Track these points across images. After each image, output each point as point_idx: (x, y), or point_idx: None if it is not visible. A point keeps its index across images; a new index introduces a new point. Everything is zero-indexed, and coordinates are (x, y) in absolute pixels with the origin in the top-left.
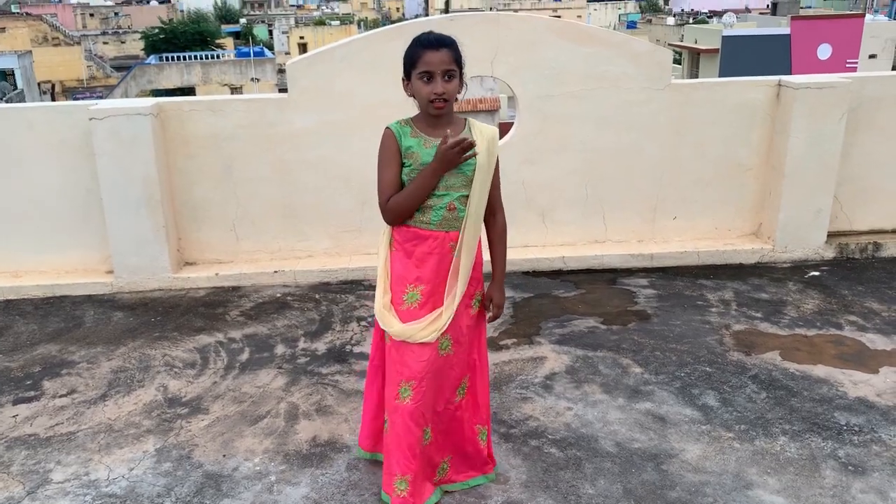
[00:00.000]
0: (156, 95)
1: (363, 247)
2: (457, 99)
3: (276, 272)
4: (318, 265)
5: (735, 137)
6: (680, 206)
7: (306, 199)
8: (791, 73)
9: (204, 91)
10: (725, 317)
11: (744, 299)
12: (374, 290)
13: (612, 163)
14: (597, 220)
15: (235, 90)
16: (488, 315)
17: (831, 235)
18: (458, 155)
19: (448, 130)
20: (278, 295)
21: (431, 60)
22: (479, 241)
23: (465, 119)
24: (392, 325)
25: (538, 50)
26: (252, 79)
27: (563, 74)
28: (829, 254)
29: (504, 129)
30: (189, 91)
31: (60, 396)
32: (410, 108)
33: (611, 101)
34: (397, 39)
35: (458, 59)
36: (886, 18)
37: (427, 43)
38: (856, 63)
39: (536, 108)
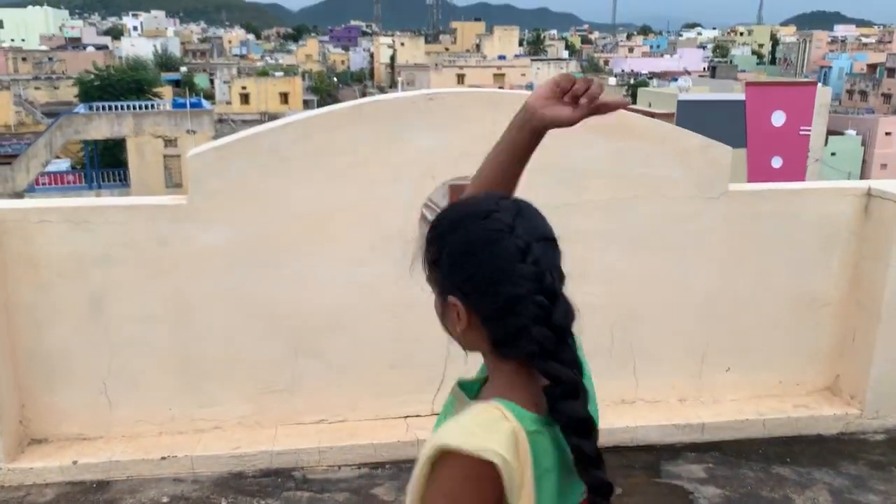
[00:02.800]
0: (84, 146)
1: (295, 414)
2: None
3: (164, 458)
4: (227, 446)
5: (809, 263)
6: (734, 355)
7: (213, 346)
8: (746, 139)
9: (135, 143)
10: None
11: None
12: (307, 489)
13: (648, 296)
14: (625, 374)
15: (170, 142)
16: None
17: None
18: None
19: None
20: (165, 500)
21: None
22: None
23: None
24: None
25: (552, 143)
26: (188, 131)
27: (586, 177)
28: None
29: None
30: (120, 142)
31: None
32: (371, 220)
33: (648, 214)
34: (352, 125)
35: (433, 269)
36: (819, 85)
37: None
38: (809, 130)
39: (550, 222)
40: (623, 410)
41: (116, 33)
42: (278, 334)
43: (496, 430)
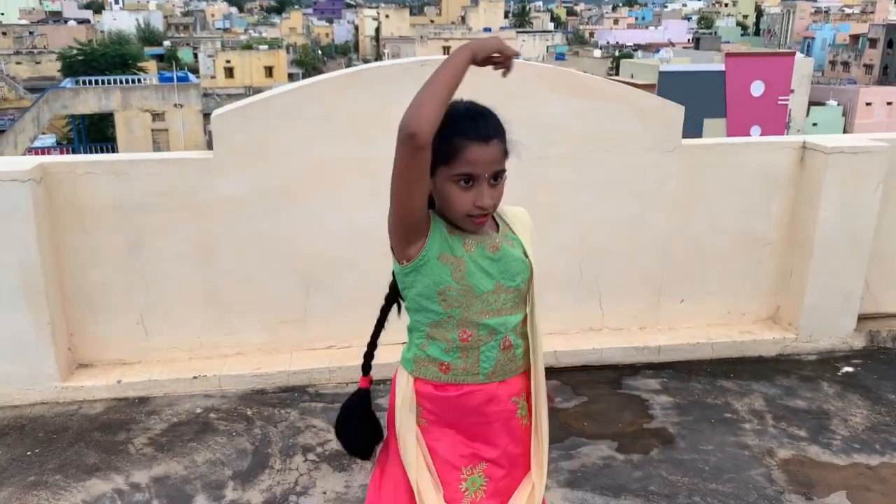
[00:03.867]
0: (71, 120)
1: (307, 341)
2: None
3: (195, 378)
4: (249, 367)
5: (752, 207)
6: (688, 287)
7: (235, 282)
8: (726, 109)
9: (123, 116)
10: (764, 436)
11: (778, 409)
12: (320, 401)
13: (611, 236)
14: (592, 304)
15: (157, 116)
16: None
17: (859, 320)
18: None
19: None
20: (199, 410)
21: (479, 159)
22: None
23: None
24: None
25: (526, 103)
26: (175, 104)
27: (556, 133)
28: (859, 343)
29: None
30: (108, 116)
31: None
32: (372, 173)
33: (611, 165)
34: (354, 88)
35: (506, 152)
36: (801, 55)
37: (475, 133)
38: (787, 100)
39: (524, 172)
40: (590, 336)
41: (97, 7)
42: (292, 272)
43: None
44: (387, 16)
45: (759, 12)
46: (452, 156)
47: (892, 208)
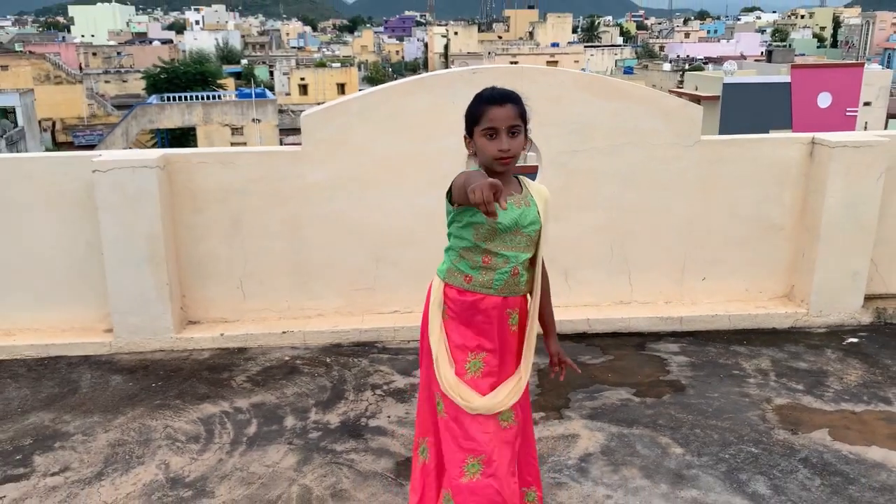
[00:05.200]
0: (157, 135)
1: (376, 306)
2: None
3: (284, 333)
4: (328, 325)
5: (766, 196)
6: (709, 267)
7: (317, 255)
8: (791, 120)
9: (204, 131)
10: (765, 389)
11: (782, 369)
12: (387, 353)
13: (639, 221)
14: (622, 280)
15: (236, 130)
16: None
17: (868, 299)
18: (485, 198)
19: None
20: (287, 358)
21: (497, 116)
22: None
23: (520, 178)
24: (472, 399)
25: (563, 104)
26: (253, 119)
27: (589, 129)
28: (867, 318)
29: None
30: (190, 131)
31: (52, 475)
32: (431, 164)
33: (638, 158)
34: (417, 92)
35: (522, 115)
36: (880, 67)
37: (491, 98)
38: (856, 112)
39: (560, 164)
40: (621, 308)
41: (179, 28)
42: (363, 247)
43: None
44: (455, 33)
45: (837, 24)
46: (480, 117)
47: None
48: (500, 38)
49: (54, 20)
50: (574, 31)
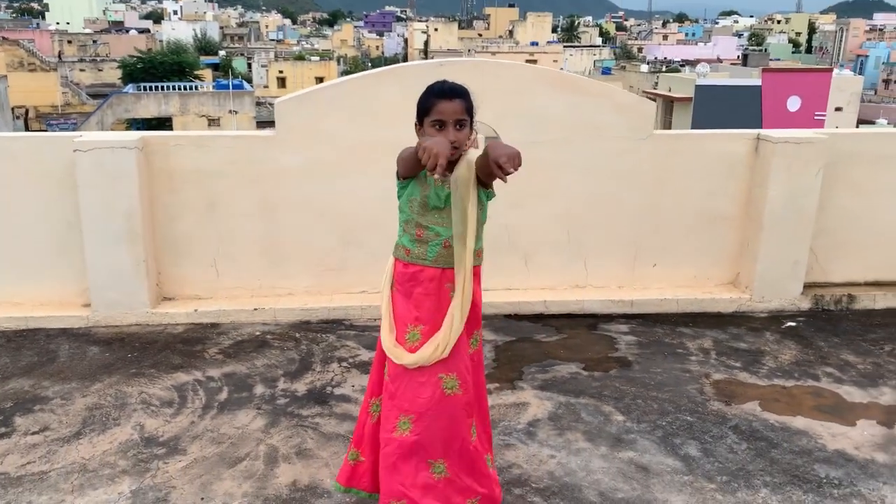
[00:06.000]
0: (132, 124)
1: (344, 286)
2: (465, 145)
3: (255, 310)
4: (298, 303)
5: (715, 188)
6: (660, 254)
7: (288, 236)
8: (762, 123)
9: (181, 121)
10: (705, 365)
11: (723, 348)
12: (354, 330)
13: (594, 210)
14: (578, 265)
15: (213, 122)
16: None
17: (807, 287)
18: (427, 159)
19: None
20: (258, 333)
21: (445, 110)
22: (479, 281)
23: (461, 155)
24: (403, 357)
25: (524, 97)
26: (230, 111)
27: (548, 122)
28: (805, 305)
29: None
30: (166, 121)
31: (32, 433)
32: (398, 151)
33: (594, 150)
34: (387, 83)
35: (469, 109)
36: (852, 73)
37: (441, 92)
38: (824, 116)
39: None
40: (576, 291)
41: (157, 17)
42: (333, 230)
43: None
44: (436, 29)
45: (812, 30)
46: (430, 109)
47: (837, 192)
48: (480, 35)
49: (28, 6)
50: (554, 30)
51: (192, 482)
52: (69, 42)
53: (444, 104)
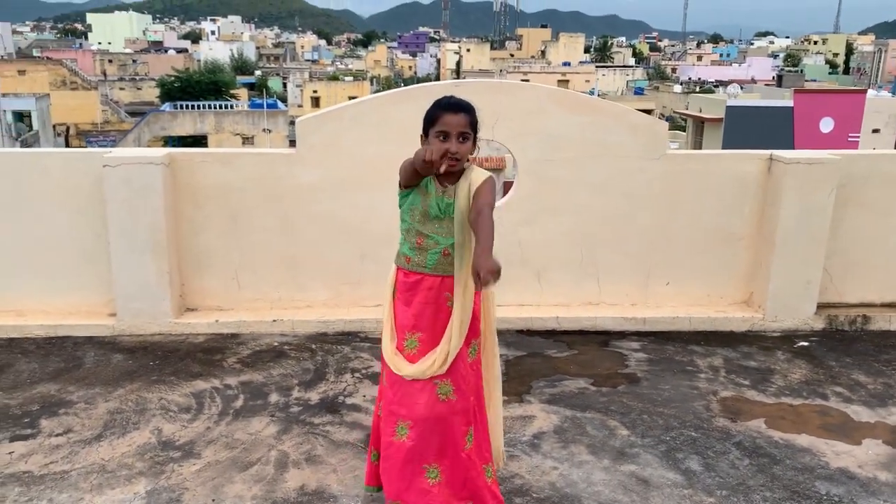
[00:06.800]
0: (168, 142)
1: (361, 299)
2: (468, 158)
3: (274, 321)
4: (316, 316)
5: (728, 208)
6: (673, 273)
7: (307, 251)
8: (794, 145)
9: (216, 139)
10: (714, 383)
11: (733, 366)
12: (368, 342)
13: (607, 227)
14: (591, 283)
15: (247, 140)
16: (478, 284)
17: (821, 307)
18: (431, 159)
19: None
20: (275, 344)
21: (449, 122)
22: (479, 294)
23: (466, 170)
24: (402, 368)
25: (539, 117)
26: (264, 129)
27: (562, 141)
28: (819, 325)
29: (508, 187)
30: (202, 139)
31: (56, 435)
32: None
33: (607, 168)
34: (404, 102)
35: (473, 124)
36: (890, 95)
37: (447, 106)
38: (858, 137)
39: (534, 172)
40: (589, 308)
41: (195, 37)
42: (351, 244)
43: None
44: (468, 50)
45: (850, 51)
46: (436, 120)
47: (851, 213)
48: (511, 56)
49: (72, 27)
50: (587, 51)
51: (205, 484)
52: (110, 61)
53: (449, 116)
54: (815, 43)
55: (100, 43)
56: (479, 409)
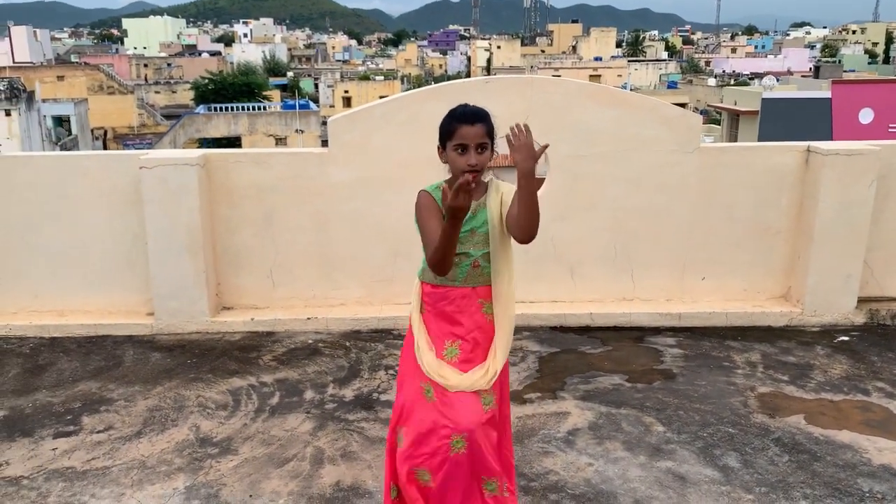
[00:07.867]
0: (203, 144)
1: (394, 296)
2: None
3: (309, 319)
4: (350, 313)
5: (764, 201)
6: (709, 267)
7: (341, 249)
8: (832, 136)
9: (249, 141)
10: (751, 379)
11: (771, 362)
12: (402, 339)
13: (641, 222)
14: (625, 278)
15: (280, 141)
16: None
17: (862, 301)
18: (460, 199)
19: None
20: (310, 341)
21: (467, 134)
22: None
23: (489, 181)
24: (450, 377)
25: (571, 112)
26: (297, 130)
27: (595, 135)
28: (860, 319)
29: (537, 184)
30: (235, 140)
31: (98, 432)
32: (443, 166)
33: (641, 163)
34: (433, 100)
35: (490, 132)
36: None
37: (462, 117)
38: None
39: (567, 167)
40: (623, 304)
41: (228, 40)
42: (383, 242)
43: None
44: (499, 47)
45: (890, 39)
46: (452, 133)
47: (892, 205)
48: (542, 52)
49: (109, 32)
50: (618, 45)
51: (242, 480)
52: (145, 66)
53: (465, 129)
54: (854, 32)
55: (135, 48)
56: (503, 419)
